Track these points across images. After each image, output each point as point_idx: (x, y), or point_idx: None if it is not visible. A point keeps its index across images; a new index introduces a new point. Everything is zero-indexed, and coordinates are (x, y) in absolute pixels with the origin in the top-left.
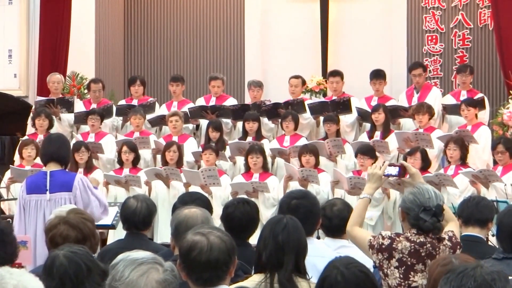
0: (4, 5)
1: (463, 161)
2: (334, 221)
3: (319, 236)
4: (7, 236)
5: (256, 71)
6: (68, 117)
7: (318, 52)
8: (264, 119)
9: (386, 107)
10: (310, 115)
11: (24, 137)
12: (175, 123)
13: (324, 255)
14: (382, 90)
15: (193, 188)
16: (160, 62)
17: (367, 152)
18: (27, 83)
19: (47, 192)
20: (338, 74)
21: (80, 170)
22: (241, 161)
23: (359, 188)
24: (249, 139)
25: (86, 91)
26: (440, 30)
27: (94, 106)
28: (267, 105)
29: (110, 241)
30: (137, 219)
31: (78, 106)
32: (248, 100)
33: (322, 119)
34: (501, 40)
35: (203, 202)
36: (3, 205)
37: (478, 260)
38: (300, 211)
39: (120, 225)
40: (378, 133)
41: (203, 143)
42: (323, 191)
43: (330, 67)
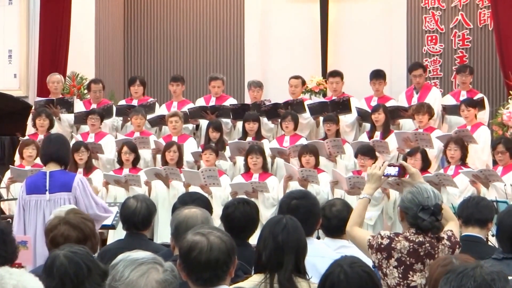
0: (4, 5)
1: (463, 161)
2: (333, 221)
3: (319, 236)
4: (7, 236)
5: (256, 71)
6: (68, 117)
7: (318, 53)
8: (264, 119)
9: (386, 107)
10: (310, 115)
11: (24, 137)
12: (175, 124)
13: (324, 255)
14: (382, 90)
15: (193, 188)
16: (160, 62)
17: (367, 153)
18: (27, 83)
19: (47, 192)
20: (338, 74)
21: (80, 170)
22: (241, 161)
23: (359, 187)
24: (249, 139)
25: (86, 92)
26: (440, 31)
27: (94, 106)
28: (267, 105)
29: (110, 241)
30: (136, 219)
31: (78, 106)
32: (248, 100)
33: (322, 119)
34: (500, 40)
35: (203, 202)
36: (3, 205)
37: (478, 260)
38: (300, 211)
39: (120, 225)
40: (378, 133)
41: (203, 143)
42: (323, 191)
43: (330, 68)
